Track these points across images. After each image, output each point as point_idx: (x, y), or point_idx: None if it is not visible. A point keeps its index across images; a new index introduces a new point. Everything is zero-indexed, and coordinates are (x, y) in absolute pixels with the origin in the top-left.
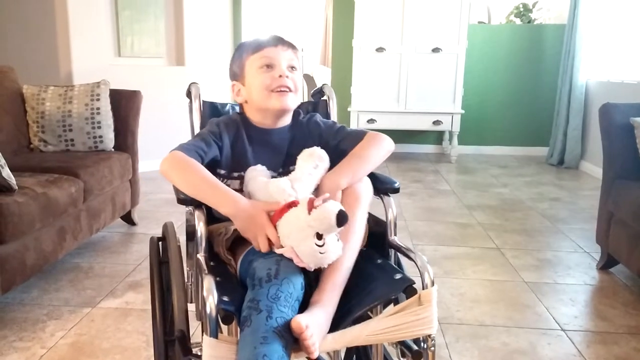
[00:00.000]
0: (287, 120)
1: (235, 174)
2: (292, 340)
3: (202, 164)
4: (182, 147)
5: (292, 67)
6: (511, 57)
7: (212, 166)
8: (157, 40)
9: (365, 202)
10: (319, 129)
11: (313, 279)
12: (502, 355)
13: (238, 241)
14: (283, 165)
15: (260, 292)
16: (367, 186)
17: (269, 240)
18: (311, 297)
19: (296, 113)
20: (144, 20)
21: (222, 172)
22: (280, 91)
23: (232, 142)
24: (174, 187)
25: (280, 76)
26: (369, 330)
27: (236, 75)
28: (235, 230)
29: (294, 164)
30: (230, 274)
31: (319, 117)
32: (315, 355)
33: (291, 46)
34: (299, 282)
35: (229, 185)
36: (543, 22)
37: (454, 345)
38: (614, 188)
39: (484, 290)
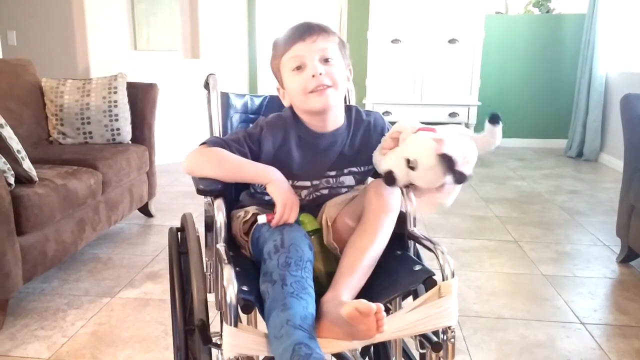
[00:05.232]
0: (339, 119)
1: None
2: (312, 298)
3: None
4: (207, 142)
5: (326, 60)
6: (529, 47)
7: None
8: (172, 33)
9: (394, 214)
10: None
11: (325, 283)
12: (520, 348)
13: (255, 225)
14: (331, 169)
15: (270, 265)
16: (397, 198)
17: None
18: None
19: (351, 108)
20: (160, 13)
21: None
22: (318, 90)
23: (278, 147)
24: (193, 178)
25: (314, 76)
26: (393, 328)
27: (277, 78)
28: (254, 214)
29: (346, 167)
30: (249, 264)
31: (387, 125)
32: (384, 330)
33: (322, 32)
34: (305, 244)
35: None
36: (562, 12)
37: (471, 337)
38: (635, 180)
39: (501, 283)
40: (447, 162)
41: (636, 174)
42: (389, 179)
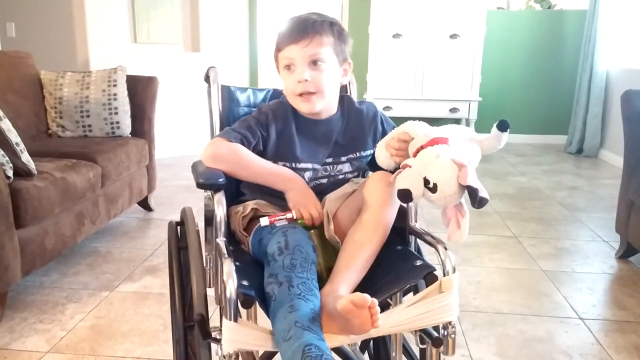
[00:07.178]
0: (332, 109)
1: (281, 164)
2: (318, 300)
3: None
4: (228, 133)
5: (315, 63)
6: (530, 43)
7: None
8: (172, 26)
9: (394, 208)
10: (380, 125)
11: (325, 278)
12: (519, 343)
13: (254, 220)
14: (330, 156)
15: (276, 266)
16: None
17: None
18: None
19: (343, 98)
20: (160, 6)
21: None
22: (304, 96)
23: (280, 132)
24: (193, 171)
25: (300, 82)
26: (392, 322)
27: (277, 69)
28: (253, 209)
29: (343, 154)
30: (249, 259)
31: (380, 112)
32: (379, 325)
33: (316, 34)
34: (309, 246)
35: None
36: (563, 8)
37: (471, 332)
38: (635, 176)
39: (501, 279)
40: (471, 192)
41: (636, 170)
42: (405, 197)
